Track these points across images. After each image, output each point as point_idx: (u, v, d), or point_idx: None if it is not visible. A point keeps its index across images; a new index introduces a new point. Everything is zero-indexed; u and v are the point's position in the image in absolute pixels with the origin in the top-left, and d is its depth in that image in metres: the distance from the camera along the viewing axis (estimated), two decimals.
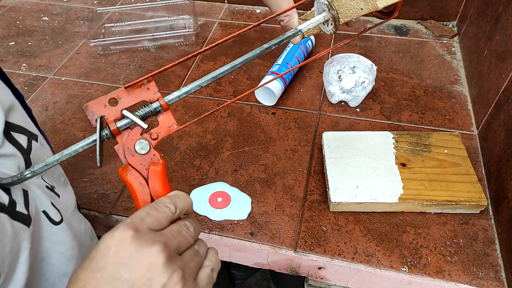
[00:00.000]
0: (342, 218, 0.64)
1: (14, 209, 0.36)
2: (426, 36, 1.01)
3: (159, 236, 0.31)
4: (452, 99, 0.84)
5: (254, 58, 0.39)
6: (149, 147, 0.36)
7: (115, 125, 0.35)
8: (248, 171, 0.72)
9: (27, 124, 0.42)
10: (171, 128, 0.37)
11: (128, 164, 0.35)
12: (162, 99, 0.36)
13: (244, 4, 1.15)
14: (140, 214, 0.32)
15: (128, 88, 0.36)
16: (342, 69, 0.83)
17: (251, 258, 0.65)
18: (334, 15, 0.42)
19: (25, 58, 1.00)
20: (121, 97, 0.36)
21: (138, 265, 0.29)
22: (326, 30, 0.45)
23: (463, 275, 0.58)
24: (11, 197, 0.36)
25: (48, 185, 0.45)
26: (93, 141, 0.35)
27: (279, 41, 0.41)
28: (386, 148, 0.70)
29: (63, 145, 0.77)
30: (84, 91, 0.90)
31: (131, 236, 0.29)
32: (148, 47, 1.01)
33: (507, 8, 0.72)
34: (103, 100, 0.35)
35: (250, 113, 0.83)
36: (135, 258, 0.29)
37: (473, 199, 0.62)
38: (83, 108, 0.35)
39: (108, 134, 0.35)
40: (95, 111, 0.35)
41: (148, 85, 0.36)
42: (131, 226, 0.30)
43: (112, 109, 0.35)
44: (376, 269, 0.59)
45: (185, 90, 0.37)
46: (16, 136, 0.39)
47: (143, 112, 0.36)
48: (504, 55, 0.70)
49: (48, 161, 0.34)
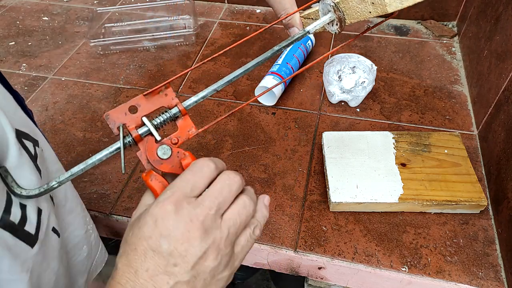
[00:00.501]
0: (342, 218, 0.64)
1: (22, 228, 0.36)
2: (426, 36, 1.01)
3: (197, 208, 0.32)
4: (452, 99, 0.84)
5: (266, 60, 0.40)
6: (171, 152, 0.36)
7: (137, 132, 0.36)
8: (248, 171, 0.72)
9: (29, 129, 0.42)
10: (190, 132, 0.38)
11: (151, 169, 0.36)
12: (181, 105, 0.37)
13: (244, 4, 1.15)
14: (179, 183, 0.33)
15: (147, 95, 0.37)
16: (342, 69, 0.83)
17: (251, 258, 0.65)
18: (340, 16, 0.42)
19: (25, 58, 1.00)
20: (141, 104, 0.36)
21: (176, 238, 0.31)
22: (331, 30, 0.45)
23: (463, 275, 0.58)
24: (25, 213, 0.36)
25: (50, 194, 0.44)
26: (116, 149, 0.36)
27: (289, 42, 0.41)
28: (386, 148, 0.70)
29: (63, 145, 0.77)
30: (84, 91, 0.90)
31: (172, 210, 0.32)
32: (148, 47, 1.01)
33: (507, 8, 0.72)
34: (123, 108, 0.36)
35: (250, 113, 0.83)
36: (173, 231, 0.31)
37: (473, 199, 0.62)
38: (104, 117, 0.36)
39: (130, 142, 0.36)
40: (116, 119, 0.36)
41: (166, 91, 0.37)
42: (172, 200, 0.32)
43: (133, 116, 0.36)
44: (376, 269, 0.59)
45: (202, 95, 0.38)
46: (26, 143, 0.39)
47: (163, 119, 0.37)
48: (504, 55, 0.70)
49: (73, 171, 0.35)
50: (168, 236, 0.31)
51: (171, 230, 0.31)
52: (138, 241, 0.32)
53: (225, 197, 0.34)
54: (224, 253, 0.33)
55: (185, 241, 0.31)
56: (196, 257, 0.31)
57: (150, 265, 0.31)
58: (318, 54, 0.96)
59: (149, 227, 0.32)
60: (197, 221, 0.32)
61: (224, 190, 0.34)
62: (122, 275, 0.31)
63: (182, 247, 0.31)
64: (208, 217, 0.32)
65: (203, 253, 0.32)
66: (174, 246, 0.31)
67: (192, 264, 0.31)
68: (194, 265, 0.31)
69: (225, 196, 0.34)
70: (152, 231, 0.32)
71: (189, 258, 0.31)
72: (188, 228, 0.31)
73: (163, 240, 0.31)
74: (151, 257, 0.31)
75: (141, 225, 0.32)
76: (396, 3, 0.39)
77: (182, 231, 0.31)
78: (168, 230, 0.31)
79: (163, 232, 0.31)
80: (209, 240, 0.32)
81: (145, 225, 0.32)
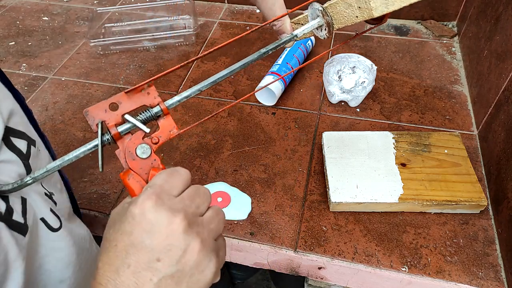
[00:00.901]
0: (342, 218, 0.64)
1: (10, 218, 0.36)
2: (426, 36, 1.01)
3: (178, 203, 0.32)
4: (452, 99, 0.84)
5: (252, 62, 0.40)
6: (150, 151, 0.36)
7: (116, 129, 0.35)
8: (248, 171, 0.72)
9: (26, 128, 0.42)
10: (172, 133, 0.37)
11: (129, 168, 0.35)
12: (163, 104, 0.37)
13: (244, 4, 1.15)
14: (158, 181, 0.33)
15: (129, 93, 0.36)
16: (342, 69, 0.83)
17: (251, 258, 0.65)
18: (328, 21, 0.42)
19: (25, 58, 1.00)
20: (122, 101, 0.36)
21: (159, 233, 0.30)
22: (320, 35, 0.45)
23: (463, 275, 0.58)
24: (9, 204, 0.36)
25: (47, 192, 0.44)
26: (94, 146, 0.35)
27: (276, 46, 0.41)
28: (386, 148, 0.70)
29: (63, 145, 0.77)
30: (84, 91, 0.90)
31: (153, 205, 0.31)
32: (148, 47, 1.01)
33: (507, 8, 0.72)
34: (103, 105, 0.35)
35: (250, 113, 0.83)
36: (156, 226, 0.31)
37: (473, 199, 0.62)
38: (84, 113, 0.35)
39: (109, 139, 0.35)
40: (96, 116, 0.35)
41: (149, 90, 0.37)
42: (153, 195, 0.31)
43: (113, 114, 0.35)
44: (376, 269, 0.59)
45: (185, 95, 0.38)
46: (16, 142, 0.39)
47: (144, 117, 0.36)
48: (504, 55, 0.70)
49: (49, 167, 0.35)
50: (150, 230, 0.30)
51: (153, 225, 0.31)
52: (120, 237, 0.31)
53: (202, 200, 0.34)
54: (209, 246, 0.32)
55: (168, 234, 0.31)
56: (180, 251, 0.31)
57: (131, 261, 0.30)
58: (318, 54, 0.96)
59: (130, 223, 0.31)
60: (180, 214, 0.31)
61: (200, 194, 0.34)
62: (103, 274, 0.30)
63: (165, 241, 0.30)
64: (190, 212, 0.32)
65: (187, 246, 0.31)
66: (157, 241, 0.30)
67: (177, 258, 0.31)
68: (179, 259, 0.31)
69: (202, 198, 0.34)
70: (133, 227, 0.31)
71: (173, 252, 0.31)
72: (171, 221, 0.31)
73: (145, 235, 0.30)
74: (132, 253, 0.30)
75: (122, 220, 0.32)
76: (382, 7, 0.39)
77: (164, 224, 0.31)
78: (150, 224, 0.31)
79: (145, 227, 0.31)
80: (193, 233, 0.31)
81: (125, 221, 0.31)
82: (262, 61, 0.94)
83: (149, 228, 0.31)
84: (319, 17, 0.43)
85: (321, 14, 0.42)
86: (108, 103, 0.35)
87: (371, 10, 0.39)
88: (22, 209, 0.37)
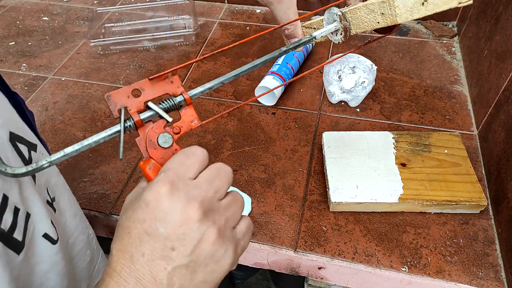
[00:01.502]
0: (342, 218, 0.64)
1: (11, 235, 0.34)
2: (426, 36, 1.01)
3: (194, 189, 0.31)
4: (452, 99, 0.84)
5: (273, 59, 0.40)
6: (172, 141, 0.35)
7: (139, 116, 0.34)
8: (248, 171, 0.72)
9: (25, 133, 0.41)
10: (193, 124, 0.36)
11: (150, 157, 0.34)
12: (186, 93, 0.36)
13: (244, 4, 1.15)
14: (173, 165, 0.32)
15: (152, 80, 0.35)
16: (342, 69, 0.83)
17: (251, 258, 0.65)
18: (346, 26, 0.42)
19: (25, 58, 1.00)
20: (144, 88, 0.35)
21: (173, 221, 0.29)
22: (334, 39, 0.45)
23: (463, 275, 0.58)
24: (16, 219, 0.35)
25: (49, 199, 0.43)
26: (115, 132, 0.34)
27: (296, 45, 0.42)
28: (386, 148, 0.70)
29: (63, 145, 0.77)
30: (84, 91, 0.90)
31: (167, 192, 0.30)
32: (148, 47, 1.01)
33: (507, 8, 0.72)
34: (126, 90, 0.34)
35: (250, 113, 0.83)
36: (170, 214, 0.30)
37: (473, 199, 0.62)
38: (105, 97, 0.34)
39: (131, 126, 0.34)
40: (118, 101, 0.34)
41: (172, 78, 0.36)
42: (167, 180, 0.30)
43: (135, 100, 0.34)
44: (376, 269, 0.59)
45: (208, 86, 0.37)
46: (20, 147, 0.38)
47: (167, 105, 0.35)
48: (504, 55, 0.70)
49: (66, 151, 0.32)
50: (164, 219, 0.30)
51: (167, 213, 0.30)
52: (132, 224, 0.30)
53: (222, 182, 0.33)
54: (225, 236, 0.31)
55: (183, 223, 0.30)
56: (195, 240, 0.30)
57: (146, 249, 0.29)
58: (317, 54, 0.96)
59: (143, 210, 0.30)
60: (195, 201, 0.30)
61: (221, 175, 0.33)
62: (117, 261, 0.30)
63: (180, 230, 0.29)
64: (207, 198, 0.31)
65: (202, 235, 0.30)
66: (171, 229, 0.29)
67: (192, 248, 0.30)
68: (193, 249, 0.30)
69: (222, 180, 0.33)
70: (146, 214, 0.30)
71: (187, 241, 0.30)
72: (186, 209, 0.30)
73: (158, 223, 0.30)
74: (146, 241, 0.30)
75: (135, 208, 0.31)
76: (407, 14, 0.39)
77: (179, 212, 0.30)
78: (164, 212, 0.30)
79: (158, 215, 0.30)
80: (209, 221, 0.30)
81: (139, 208, 0.30)
82: None
83: (163, 216, 0.30)
84: (336, 22, 0.43)
85: (339, 18, 0.42)
86: (131, 89, 0.34)
87: (395, 16, 0.39)
88: (24, 225, 0.36)
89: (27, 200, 0.37)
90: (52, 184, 0.45)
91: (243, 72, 0.38)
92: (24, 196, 0.37)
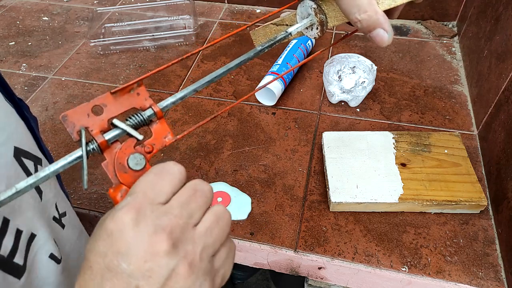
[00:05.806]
0: (342, 218, 0.64)
1: (11, 260, 0.32)
2: (426, 36, 1.01)
3: (164, 216, 0.27)
4: (452, 99, 0.84)
5: (248, 60, 0.36)
6: (145, 161, 0.31)
7: (103, 137, 0.29)
8: (248, 171, 0.72)
9: (31, 147, 0.39)
10: (167, 140, 0.32)
11: (120, 183, 0.30)
12: (156, 106, 0.32)
13: (244, 4, 1.15)
14: (141, 187, 0.29)
15: (115, 94, 0.31)
16: (342, 69, 0.83)
17: (251, 258, 0.65)
18: (322, 19, 0.39)
19: (25, 58, 1.00)
20: (107, 104, 0.30)
21: (137, 255, 0.26)
22: (310, 34, 0.42)
23: (463, 275, 0.58)
24: (17, 242, 0.33)
25: (57, 215, 0.41)
26: (77, 158, 0.29)
27: (271, 43, 0.38)
28: (386, 148, 0.70)
29: (63, 145, 0.77)
30: (84, 91, 0.90)
31: (132, 221, 0.26)
32: (148, 47, 1.01)
33: (507, 8, 0.72)
34: (85, 108, 0.30)
35: (250, 113, 0.83)
36: (134, 247, 0.26)
37: (473, 199, 0.62)
38: (61, 118, 0.29)
39: (95, 149, 0.30)
40: (76, 121, 0.29)
41: (138, 90, 0.31)
42: (133, 207, 0.27)
43: (97, 118, 0.30)
44: (376, 269, 0.59)
45: (180, 96, 0.33)
46: (26, 162, 0.36)
47: (135, 121, 0.31)
48: (504, 55, 0.70)
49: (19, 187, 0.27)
50: (127, 253, 0.26)
51: (130, 246, 0.26)
52: (93, 258, 0.27)
53: (197, 204, 0.29)
54: (200, 269, 0.27)
55: (149, 258, 0.26)
56: (163, 277, 0.26)
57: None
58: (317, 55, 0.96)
59: (104, 242, 0.26)
60: (163, 232, 0.26)
61: (196, 196, 0.29)
62: None
63: (145, 266, 0.26)
64: (178, 227, 0.27)
65: (171, 271, 0.26)
66: (135, 265, 0.26)
67: (159, 286, 0.26)
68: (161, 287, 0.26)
69: (198, 202, 0.29)
70: (108, 247, 0.26)
71: (154, 279, 0.26)
72: (152, 241, 0.26)
73: (121, 258, 0.26)
74: (108, 278, 0.26)
75: (96, 237, 0.27)
76: (389, 0, 0.37)
77: (145, 245, 0.26)
78: (128, 245, 0.26)
79: (121, 248, 0.26)
80: (179, 254, 0.27)
81: (100, 239, 0.27)
82: (262, 61, 0.94)
83: (126, 250, 0.26)
84: (311, 15, 0.40)
85: (314, 12, 0.39)
86: (90, 106, 0.30)
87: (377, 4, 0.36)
88: (26, 248, 0.34)
89: (30, 220, 0.35)
90: (60, 200, 0.43)
91: (217, 77, 0.35)
92: (27, 216, 0.35)
